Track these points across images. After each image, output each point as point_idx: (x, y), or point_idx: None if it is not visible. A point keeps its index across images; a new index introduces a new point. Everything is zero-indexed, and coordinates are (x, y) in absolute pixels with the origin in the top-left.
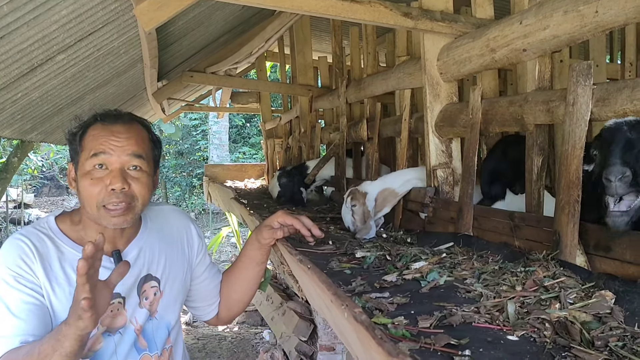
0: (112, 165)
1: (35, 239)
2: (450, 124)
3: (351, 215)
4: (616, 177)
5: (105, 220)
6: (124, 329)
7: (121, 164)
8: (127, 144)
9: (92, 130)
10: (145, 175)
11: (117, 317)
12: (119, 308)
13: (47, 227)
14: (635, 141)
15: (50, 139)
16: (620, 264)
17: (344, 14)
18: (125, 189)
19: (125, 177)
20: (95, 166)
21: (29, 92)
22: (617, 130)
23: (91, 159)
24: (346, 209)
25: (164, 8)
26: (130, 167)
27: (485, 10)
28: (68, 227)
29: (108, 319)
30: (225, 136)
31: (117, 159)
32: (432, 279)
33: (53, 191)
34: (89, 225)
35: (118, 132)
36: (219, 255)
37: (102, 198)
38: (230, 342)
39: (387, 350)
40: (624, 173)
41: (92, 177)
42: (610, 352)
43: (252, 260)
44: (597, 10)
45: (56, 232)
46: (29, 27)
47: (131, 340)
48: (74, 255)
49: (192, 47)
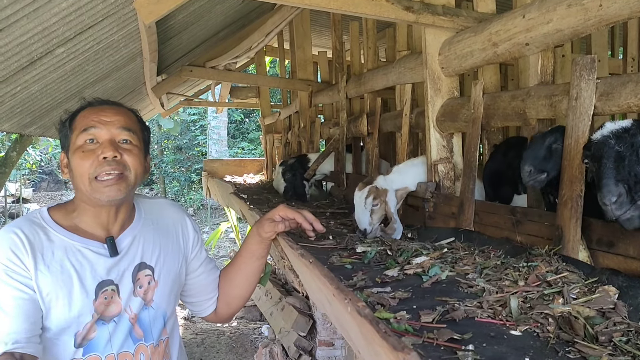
0: (102, 138)
1: (27, 229)
2: (452, 119)
3: (369, 216)
4: (611, 201)
5: (98, 192)
6: (118, 318)
7: (111, 135)
8: (115, 119)
9: (81, 113)
10: (136, 149)
11: (111, 304)
12: (113, 296)
13: (40, 217)
14: (625, 153)
15: (49, 133)
16: (623, 259)
17: (346, 8)
18: (117, 157)
19: (116, 147)
20: (86, 141)
21: (29, 86)
22: (605, 145)
23: (82, 134)
24: (364, 210)
25: (163, 1)
26: (120, 141)
27: (487, 4)
28: (61, 216)
29: (102, 306)
30: (224, 131)
31: (107, 132)
32: (434, 273)
33: (51, 186)
34: (83, 211)
35: (107, 110)
36: (217, 250)
37: (95, 169)
38: (229, 337)
39: (392, 344)
40: (619, 195)
41: (84, 150)
42: (615, 348)
43: (253, 254)
44: (602, 3)
45: (48, 221)
46: (28, 20)
47: (126, 329)
48: (66, 243)
49: (191, 41)
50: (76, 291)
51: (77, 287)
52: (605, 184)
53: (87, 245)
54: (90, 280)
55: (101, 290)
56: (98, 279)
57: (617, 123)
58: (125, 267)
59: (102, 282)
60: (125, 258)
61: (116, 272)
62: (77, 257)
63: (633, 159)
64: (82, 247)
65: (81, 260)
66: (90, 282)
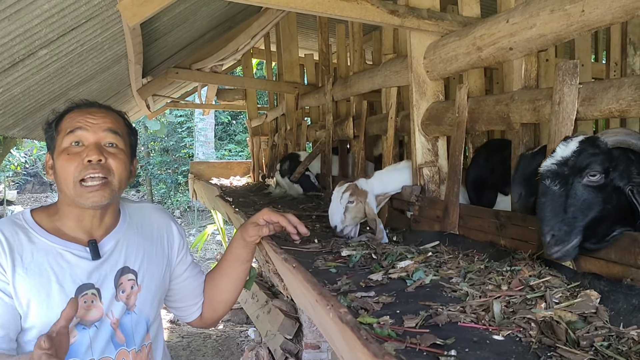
0: (87, 141)
1: (8, 231)
2: (437, 123)
3: (342, 212)
4: (546, 240)
5: (82, 197)
6: (99, 323)
7: (97, 139)
8: (102, 122)
9: (68, 115)
10: (122, 153)
11: (92, 309)
12: (94, 300)
13: (22, 219)
14: (560, 191)
15: (33, 135)
16: (605, 263)
17: (331, 11)
18: (101, 161)
19: (102, 151)
20: (71, 143)
21: (11, 88)
22: (542, 184)
23: (67, 136)
24: (338, 206)
25: (148, 3)
26: (106, 144)
27: (472, 8)
28: (43, 219)
29: (82, 310)
30: (211, 133)
31: (93, 134)
32: (418, 278)
33: (36, 188)
34: (66, 214)
35: (94, 112)
36: (204, 252)
37: (79, 172)
38: (215, 340)
39: (373, 352)
40: (552, 235)
41: (69, 153)
42: (596, 352)
43: (238, 259)
44: (584, 9)
45: (30, 223)
46: (10, 22)
47: (107, 335)
48: (47, 246)
49: (177, 43)
50: (54, 294)
51: (55, 290)
52: (541, 223)
53: (68, 248)
54: (70, 284)
55: (81, 293)
56: (78, 283)
57: (562, 148)
58: (107, 271)
59: (82, 286)
60: (108, 262)
61: (97, 275)
62: (58, 260)
63: (570, 196)
64: (63, 250)
65: (61, 263)
66: (69, 285)
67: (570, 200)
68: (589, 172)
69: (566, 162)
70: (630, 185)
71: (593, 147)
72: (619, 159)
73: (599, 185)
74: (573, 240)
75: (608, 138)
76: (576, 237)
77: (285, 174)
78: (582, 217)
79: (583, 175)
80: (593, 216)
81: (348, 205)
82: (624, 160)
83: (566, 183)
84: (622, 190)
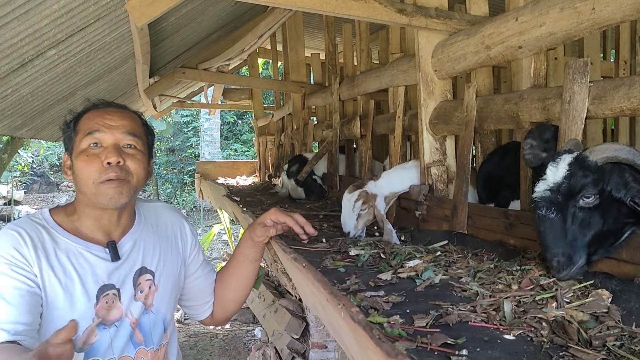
0: (106, 142)
1: (30, 229)
2: (445, 122)
3: (355, 219)
4: (552, 265)
5: (102, 196)
6: (119, 322)
7: (115, 140)
8: (120, 123)
9: (86, 115)
10: (140, 154)
11: (113, 309)
12: (114, 300)
13: (42, 218)
14: (555, 219)
15: (41, 135)
16: (616, 262)
17: (339, 10)
18: (120, 163)
19: (120, 153)
20: (90, 145)
21: (20, 88)
22: (537, 214)
23: (86, 138)
24: (351, 213)
25: (156, 3)
26: (125, 145)
27: (480, 7)
28: (62, 219)
29: (103, 310)
30: (216, 133)
31: (111, 136)
32: (427, 277)
33: (43, 188)
34: (84, 215)
35: (112, 113)
36: (210, 252)
37: (99, 174)
38: (222, 339)
39: (385, 351)
40: (557, 262)
41: (88, 154)
42: (608, 352)
43: (246, 259)
44: (594, 7)
45: (51, 223)
46: (19, 22)
47: (127, 334)
48: (69, 245)
49: (184, 43)
50: (78, 294)
51: (79, 290)
52: (544, 251)
53: (88, 248)
54: (92, 284)
55: (103, 294)
56: (100, 283)
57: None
58: (126, 271)
59: (104, 286)
60: (127, 263)
61: (117, 276)
62: (79, 260)
63: (567, 221)
64: (83, 250)
65: (83, 263)
66: (91, 285)
67: (568, 225)
68: (583, 195)
69: (558, 189)
70: (630, 194)
71: (582, 168)
72: (611, 172)
73: (595, 205)
74: (578, 262)
75: (597, 156)
76: (580, 258)
77: (293, 176)
78: (582, 237)
79: (577, 199)
80: (594, 233)
81: (361, 212)
82: (617, 171)
83: (562, 209)
84: (623, 200)
